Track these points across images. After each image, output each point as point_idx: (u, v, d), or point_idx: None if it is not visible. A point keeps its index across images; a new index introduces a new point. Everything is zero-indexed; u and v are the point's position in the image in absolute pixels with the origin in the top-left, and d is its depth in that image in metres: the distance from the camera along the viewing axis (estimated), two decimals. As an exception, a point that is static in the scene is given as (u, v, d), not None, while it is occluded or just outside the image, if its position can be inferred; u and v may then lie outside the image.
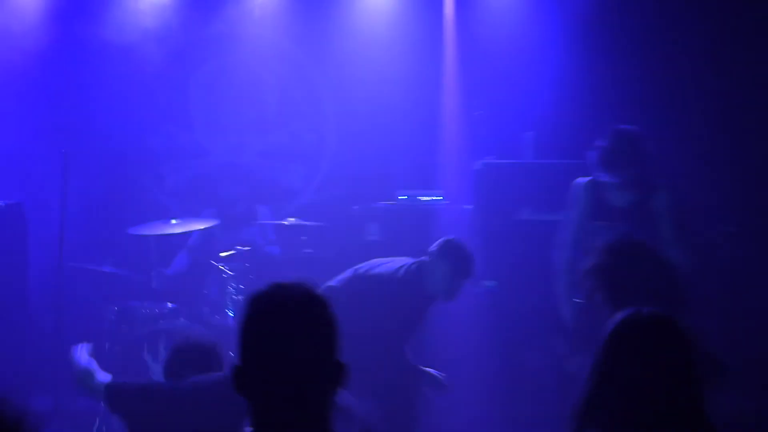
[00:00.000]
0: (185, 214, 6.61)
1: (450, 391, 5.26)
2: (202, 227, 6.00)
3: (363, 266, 5.08)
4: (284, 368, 1.81)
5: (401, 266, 4.95)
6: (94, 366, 3.59)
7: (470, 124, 6.62)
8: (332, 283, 5.05)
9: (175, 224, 6.26)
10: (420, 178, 6.72)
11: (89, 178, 6.28)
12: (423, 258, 4.83)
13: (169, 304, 5.88)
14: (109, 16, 6.57)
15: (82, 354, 3.70)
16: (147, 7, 6.60)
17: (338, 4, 6.90)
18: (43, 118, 6.55)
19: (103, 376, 3.59)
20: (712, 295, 5.47)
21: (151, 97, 6.89)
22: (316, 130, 7.30)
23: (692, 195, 5.66)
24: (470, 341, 6.11)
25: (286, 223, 6.28)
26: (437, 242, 4.89)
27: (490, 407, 5.98)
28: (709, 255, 5.77)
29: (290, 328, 1.82)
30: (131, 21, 6.59)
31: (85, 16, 6.49)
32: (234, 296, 5.85)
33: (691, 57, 6.22)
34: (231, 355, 3.88)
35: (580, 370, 4.72)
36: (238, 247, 6.07)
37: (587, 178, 5.26)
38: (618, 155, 5.10)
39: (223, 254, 6.03)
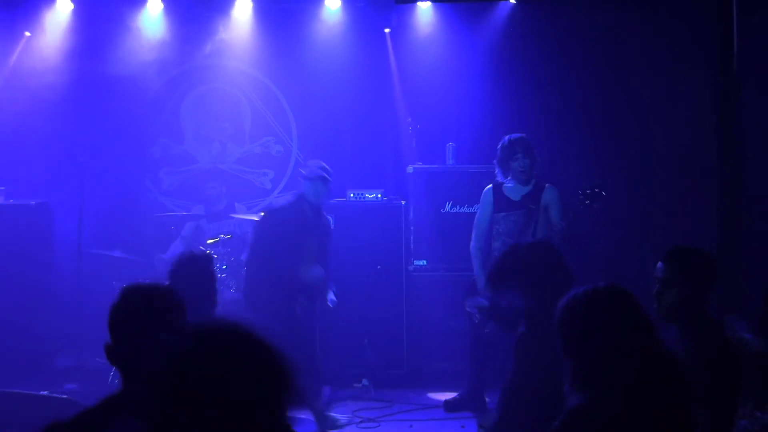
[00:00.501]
0: (178, 210, 7.17)
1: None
2: (254, 218, 6.34)
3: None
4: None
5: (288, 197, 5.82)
6: None
7: (404, 135, 7.15)
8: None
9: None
10: (366, 179, 7.08)
11: (102, 181, 6.87)
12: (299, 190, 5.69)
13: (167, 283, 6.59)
14: (115, 52, 7.07)
15: None
16: (145, 45, 7.14)
17: (294, 36, 7.34)
18: (64, 134, 7.07)
19: None
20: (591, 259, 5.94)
21: (149, 116, 7.42)
22: (282, 141, 7.68)
23: (567, 182, 6.09)
24: (407, 309, 6.64)
25: (257, 217, 6.62)
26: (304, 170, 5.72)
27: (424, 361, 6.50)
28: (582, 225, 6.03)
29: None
30: (133, 55, 7.09)
31: (95, 52, 7.05)
32: (219, 275, 6.28)
33: (574, 79, 6.97)
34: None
35: (492, 334, 5.45)
36: (222, 236, 6.65)
37: (491, 185, 5.94)
38: (511, 159, 5.76)
39: (209, 241, 6.62)
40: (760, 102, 6.37)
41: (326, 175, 5.74)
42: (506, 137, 5.85)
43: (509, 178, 5.85)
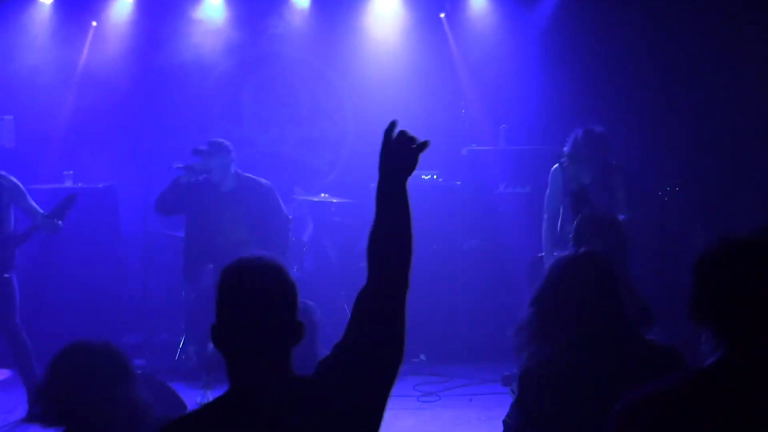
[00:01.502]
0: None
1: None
2: (314, 199, 6.79)
3: None
4: (252, 327, 1.85)
5: None
6: None
7: (458, 117, 7.41)
8: None
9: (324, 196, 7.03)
10: (421, 161, 7.29)
11: (166, 164, 6.90)
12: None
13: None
14: (177, 40, 7.37)
15: None
16: (207, 33, 7.44)
17: (350, 23, 7.62)
18: (129, 120, 7.41)
19: None
20: (652, 245, 6.18)
21: (210, 101, 7.73)
22: (338, 124, 7.98)
23: (640, 171, 6.28)
24: (462, 287, 6.85)
25: (317, 198, 7.05)
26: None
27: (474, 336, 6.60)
28: (652, 213, 6.37)
29: (255, 295, 1.86)
30: (195, 43, 7.38)
31: (158, 40, 7.38)
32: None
33: (626, 63, 7.08)
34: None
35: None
36: None
37: (558, 164, 5.76)
38: (586, 149, 5.54)
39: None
40: None
41: (208, 149, 5.84)
42: (580, 130, 5.67)
43: (581, 164, 5.60)
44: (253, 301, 1.85)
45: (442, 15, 7.59)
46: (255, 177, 6.05)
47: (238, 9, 7.59)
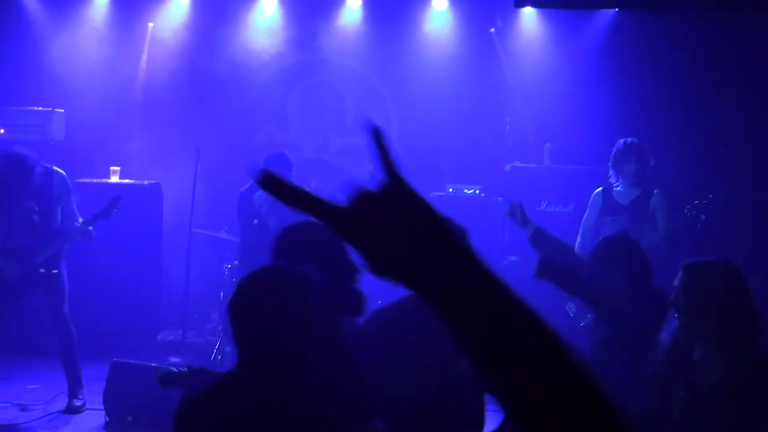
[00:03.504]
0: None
1: None
2: None
3: None
4: None
5: None
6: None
7: (503, 133, 7.45)
8: None
9: None
10: (463, 175, 7.37)
11: (212, 165, 7.19)
12: None
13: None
14: (229, 43, 7.57)
15: None
16: (258, 37, 7.62)
17: (400, 34, 7.76)
18: (180, 119, 7.51)
19: None
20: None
21: (258, 104, 7.83)
22: (384, 134, 8.12)
23: (678, 184, 6.27)
24: None
25: None
26: None
27: None
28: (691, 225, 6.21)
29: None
30: (246, 47, 7.55)
31: (210, 43, 7.57)
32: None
33: (670, 85, 7.15)
34: None
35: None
36: None
37: (601, 188, 5.94)
38: (624, 163, 5.75)
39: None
40: None
41: None
42: (621, 140, 5.88)
43: (620, 181, 5.88)
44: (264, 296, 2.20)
45: (492, 30, 7.61)
46: None
47: (289, 16, 7.70)
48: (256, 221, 6.28)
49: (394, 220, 0.87)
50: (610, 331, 3.93)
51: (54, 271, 5.42)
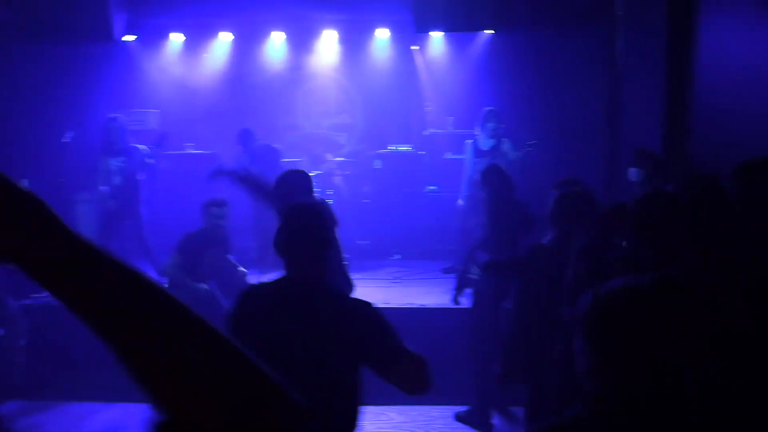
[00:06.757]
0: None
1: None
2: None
3: None
4: (299, 235, 2.43)
5: None
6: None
7: (424, 113, 9.54)
8: None
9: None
10: (401, 138, 9.54)
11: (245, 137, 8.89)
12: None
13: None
14: (256, 65, 9.94)
15: None
16: (271, 60, 9.92)
17: (360, 53, 9.83)
18: (228, 111, 9.52)
19: None
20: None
21: (276, 102, 10.02)
22: (353, 115, 10.18)
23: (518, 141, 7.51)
24: (421, 208, 8.80)
25: (342, 158, 9.23)
26: None
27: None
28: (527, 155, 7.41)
29: (303, 221, 2.47)
30: (265, 67, 9.83)
31: (243, 67, 9.82)
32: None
33: (525, 87, 9.09)
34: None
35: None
36: (316, 172, 8.72)
37: (471, 140, 7.70)
38: (486, 122, 7.49)
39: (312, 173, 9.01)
40: (634, 92, 7.43)
41: None
42: (485, 108, 7.60)
43: (483, 134, 7.53)
44: (301, 221, 2.44)
45: (415, 48, 9.91)
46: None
47: (291, 44, 9.99)
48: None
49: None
50: (521, 289, 4.10)
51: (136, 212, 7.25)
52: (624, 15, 7.52)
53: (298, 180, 4.30)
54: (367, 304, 2.52)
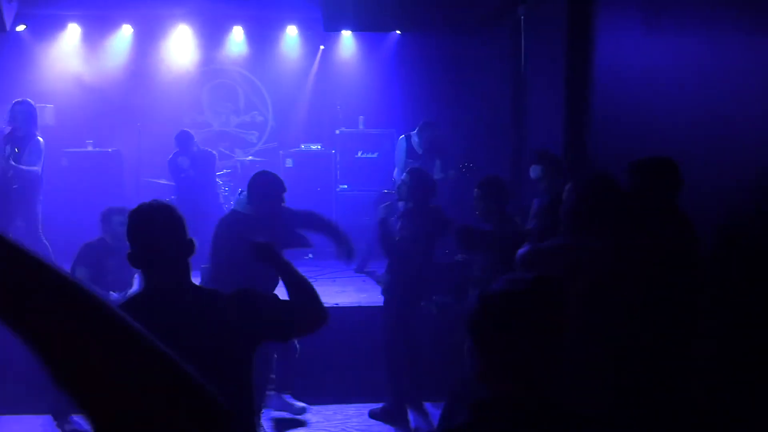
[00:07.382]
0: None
1: None
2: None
3: None
4: (156, 244, 2.26)
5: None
6: None
7: (335, 111, 9.73)
8: None
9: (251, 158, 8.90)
10: (311, 137, 9.64)
11: (154, 136, 9.23)
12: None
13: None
14: (162, 59, 9.70)
15: None
16: (184, 54, 9.73)
17: (271, 50, 9.82)
18: (130, 108, 9.45)
19: None
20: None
21: (184, 97, 9.92)
22: (263, 113, 10.12)
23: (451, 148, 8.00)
24: (338, 204, 9.13)
25: (250, 158, 9.37)
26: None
27: None
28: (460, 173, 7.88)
29: (157, 226, 2.30)
30: (173, 62, 9.67)
31: (149, 59, 9.69)
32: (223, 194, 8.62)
33: (436, 85, 9.47)
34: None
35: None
36: (225, 170, 9.25)
37: (403, 135, 7.80)
38: (423, 132, 7.69)
39: (218, 173, 9.10)
40: (537, 94, 7.74)
41: None
42: (423, 120, 7.76)
43: (419, 141, 7.74)
44: (155, 226, 2.27)
45: (322, 47, 10.07)
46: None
47: (199, 40, 9.95)
48: (182, 175, 8.17)
49: None
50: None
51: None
52: (526, 20, 7.80)
53: (272, 181, 4.51)
54: (239, 293, 2.48)
